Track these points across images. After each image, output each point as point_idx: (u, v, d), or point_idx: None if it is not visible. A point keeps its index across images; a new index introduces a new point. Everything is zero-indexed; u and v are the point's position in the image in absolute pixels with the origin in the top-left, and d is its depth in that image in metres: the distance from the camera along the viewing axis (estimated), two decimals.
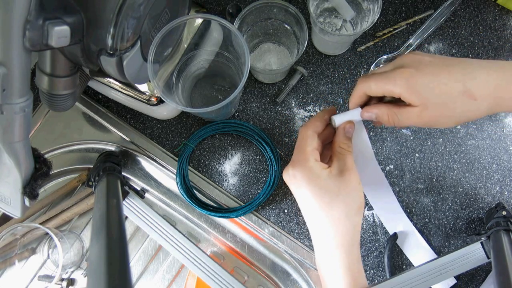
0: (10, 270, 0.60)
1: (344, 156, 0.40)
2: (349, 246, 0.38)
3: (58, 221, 0.59)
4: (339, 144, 0.41)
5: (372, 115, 0.39)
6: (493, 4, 0.58)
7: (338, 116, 0.42)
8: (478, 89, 0.34)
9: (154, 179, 0.60)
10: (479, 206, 0.54)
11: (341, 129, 0.41)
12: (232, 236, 0.58)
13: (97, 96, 0.58)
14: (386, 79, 0.36)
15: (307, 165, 0.39)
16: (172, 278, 0.60)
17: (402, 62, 0.37)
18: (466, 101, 0.34)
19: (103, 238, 0.36)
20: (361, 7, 0.53)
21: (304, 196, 0.40)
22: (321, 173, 0.39)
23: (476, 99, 0.34)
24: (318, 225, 0.40)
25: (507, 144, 0.55)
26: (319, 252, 0.40)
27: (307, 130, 0.41)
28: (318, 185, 0.39)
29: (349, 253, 0.38)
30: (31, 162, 0.37)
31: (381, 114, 0.38)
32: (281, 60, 0.56)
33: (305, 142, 0.40)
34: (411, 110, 0.36)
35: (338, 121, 0.41)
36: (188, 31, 0.49)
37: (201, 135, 0.56)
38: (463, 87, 0.34)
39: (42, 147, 0.57)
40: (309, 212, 0.40)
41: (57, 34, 0.31)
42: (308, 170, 0.39)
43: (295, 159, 0.41)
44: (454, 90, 0.34)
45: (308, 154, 0.40)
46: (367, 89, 0.38)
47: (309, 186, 0.39)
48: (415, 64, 0.36)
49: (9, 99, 0.31)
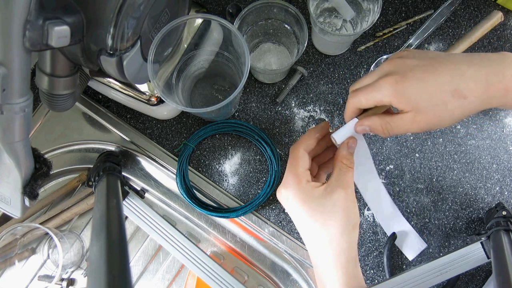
0: (10, 270, 0.60)
1: (345, 172, 0.39)
2: (346, 263, 0.38)
3: (58, 221, 0.59)
4: (341, 159, 0.40)
5: (365, 128, 0.38)
6: (493, 4, 0.58)
7: (337, 133, 0.40)
8: (467, 88, 0.34)
9: (154, 179, 0.60)
10: (479, 206, 0.54)
11: (345, 144, 0.40)
12: (232, 236, 0.58)
13: (97, 96, 0.58)
14: (374, 91, 0.36)
15: (300, 187, 0.39)
16: (172, 278, 0.60)
17: (387, 69, 0.36)
18: (456, 101, 0.34)
19: (103, 238, 0.36)
20: (361, 7, 0.53)
21: (298, 217, 0.40)
22: (314, 193, 0.38)
23: (466, 98, 0.34)
24: (314, 244, 0.39)
25: (507, 144, 0.55)
26: (317, 270, 0.40)
27: (298, 150, 0.40)
28: (312, 206, 0.38)
29: (345, 272, 0.38)
30: (31, 162, 0.37)
31: (373, 125, 0.38)
32: (281, 60, 0.56)
33: (296, 163, 0.40)
34: (404, 117, 0.36)
35: (339, 139, 0.40)
36: (188, 31, 0.49)
37: (201, 135, 0.56)
38: (452, 86, 0.34)
39: (42, 147, 0.57)
40: (305, 232, 0.40)
41: (57, 34, 0.31)
42: (300, 191, 0.39)
43: (287, 180, 0.40)
44: (443, 91, 0.34)
45: (300, 176, 0.39)
46: (358, 104, 0.38)
47: (303, 207, 0.39)
48: (400, 70, 0.35)
49: (9, 99, 0.31)
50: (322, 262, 0.39)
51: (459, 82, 0.34)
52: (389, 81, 0.35)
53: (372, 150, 0.56)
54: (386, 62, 0.38)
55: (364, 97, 0.37)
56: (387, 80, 0.35)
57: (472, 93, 0.34)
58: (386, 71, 0.36)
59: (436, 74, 0.34)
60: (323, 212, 0.38)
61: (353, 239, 0.39)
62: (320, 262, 0.39)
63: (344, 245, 0.38)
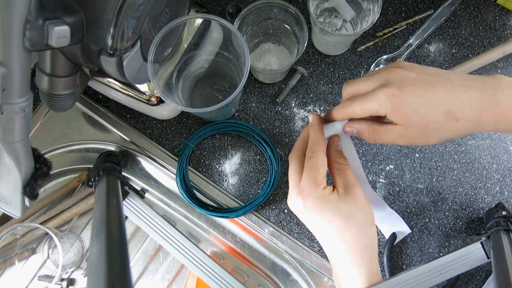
0: (10, 270, 0.60)
1: (345, 172, 0.40)
2: (369, 260, 0.39)
3: (58, 221, 0.59)
4: (335, 160, 0.40)
5: (353, 130, 0.39)
6: (493, 4, 0.58)
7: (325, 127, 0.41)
8: (460, 111, 0.34)
9: (154, 179, 0.60)
10: (479, 206, 0.54)
11: (331, 145, 0.41)
12: (232, 236, 0.58)
13: (97, 96, 0.58)
14: (371, 102, 0.36)
15: (318, 194, 0.38)
16: (172, 278, 0.60)
17: (386, 78, 0.36)
18: (448, 122, 0.34)
19: (103, 238, 0.36)
20: (361, 7, 0.53)
21: (317, 224, 0.40)
22: (331, 198, 0.38)
23: (458, 121, 0.34)
24: (335, 248, 0.40)
25: (507, 144, 0.55)
26: (339, 271, 0.40)
27: (319, 155, 0.39)
28: (331, 211, 0.38)
29: (368, 269, 0.38)
30: (31, 162, 0.37)
31: (361, 130, 0.38)
32: (281, 60, 0.56)
33: (317, 169, 0.39)
34: (393, 129, 0.36)
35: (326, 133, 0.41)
36: (188, 31, 0.49)
37: (201, 135, 0.56)
38: (446, 108, 0.34)
39: (42, 147, 0.57)
40: (325, 238, 0.40)
41: (57, 34, 0.31)
42: (318, 198, 0.38)
43: (304, 188, 0.39)
44: (436, 111, 0.34)
45: (319, 182, 0.39)
46: (353, 114, 0.38)
47: (322, 213, 0.39)
48: (399, 82, 0.35)
49: (9, 99, 0.31)
50: (345, 264, 0.39)
51: (453, 104, 0.34)
52: (387, 93, 0.35)
53: (372, 150, 0.56)
54: (385, 69, 0.37)
55: (360, 107, 0.37)
56: (385, 91, 0.35)
57: (465, 117, 0.34)
58: (384, 79, 0.36)
59: (433, 92, 0.34)
60: (341, 215, 0.38)
61: (374, 234, 0.40)
62: (344, 264, 0.39)
63: (367, 242, 0.39)
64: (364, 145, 0.56)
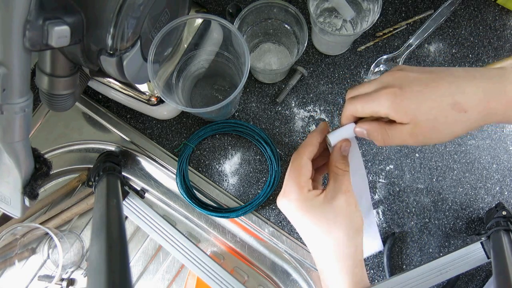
0: (10, 270, 0.60)
1: (341, 177, 0.39)
2: (353, 267, 0.38)
3: (58, 221, 0.59)
4: (335, 163, 0.40)
5: (363, 130, 0.38)
6: (493, 4, 0.58)
7: (332, 134, 0.40)
8: (467, 102, 0.33)
9: (154, 179, 0.60)
10: (479, 206, 0.54)
11: (337, 148, 0.40)
12: (232, 236, 0.58)
13: (97, 96, 0.58)
14: (371, 101, 0.36)
15: (301, 197, 0.39)
16: (172, 278, 0.60)
17: (387, 80, 0.36)
18: (456, 114, 0.34)
19: (103, 238, 0.36)
20: (361, 7, 0.53)
21: (302, 226, 0.40)
22: (315, 202, 0.38)
23: (466, 111, 0.33)
24: (320, 251, 0.40)
25: (507, 144, 0.55)
26: (324, 275, 0.40)
27: (301, 158, 0.40)
28: (315, 215, 0.38)
29: (352, 276, 0.38)
30: (31, 162, 0.37)
31: (371, 130, 0.37)
32: (281, 60, 0.56)
33: (299, 172, 0.39)
34: (402, 128, 0.35)
35: (333, 140, 0.40)
36: (188, 31, 0.49)
37: (201, 135, 0.56)
38: (451, 99, 0.33)
39: (42, 147, 0.57)
40: (309, 240, 0.40)
41: (57, 34, 0.31)
42: (302, 201, 0.39)
43: (289, 190, 0.40)
44: (443, 104, 0.34)
45: (302, 185, 0.39)
46: (354, 111, 0.38)
47: (306, 215, 0.39)
48: (400, 82, 0.35)
49: (9, 99, 0.31)
50: (328, 268, 0.39)
51: (459, 95, 0.33)
52: (388, 93, 0.34)
53: (372, 150, 0.56)
54: (386, 73, 0.37)
55: (361, 105, 0.37)
56: (386, 92, 0.35)
57: (473, 107, 0.33)
58: (385, 82, 0.36)
59: (435, 87, 0.34)
60: (326, 220, 0.38)
61: (358, 242, 0.39)
62: (327, 268, 0.39)
63: (350, 250, 0.38)
64: (364, 145, 0.56)
